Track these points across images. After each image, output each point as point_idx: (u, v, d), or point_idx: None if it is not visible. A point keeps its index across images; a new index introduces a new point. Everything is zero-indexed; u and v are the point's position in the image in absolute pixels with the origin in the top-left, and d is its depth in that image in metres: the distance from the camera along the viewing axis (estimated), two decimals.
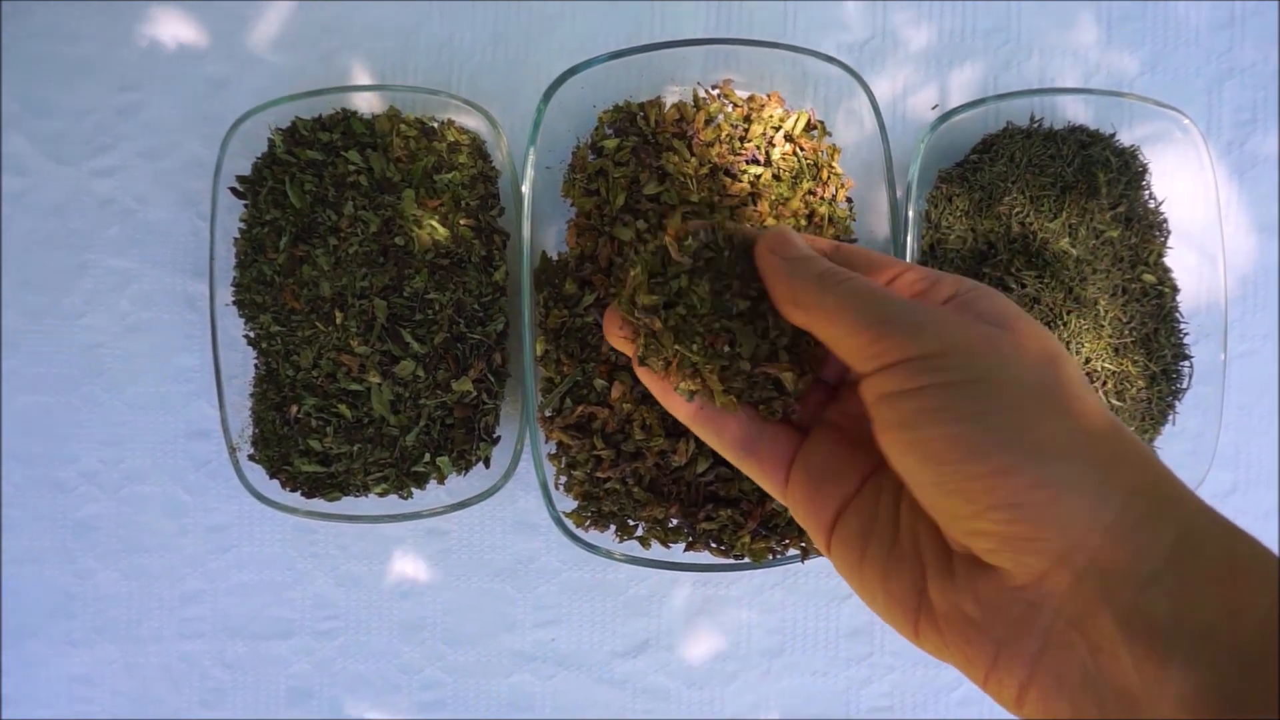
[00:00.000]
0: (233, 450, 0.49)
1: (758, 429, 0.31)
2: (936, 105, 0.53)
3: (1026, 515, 0.22)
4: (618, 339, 0.32)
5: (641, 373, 0.33)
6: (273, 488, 0.49)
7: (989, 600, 0.24)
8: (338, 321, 0.48)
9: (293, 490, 0.49)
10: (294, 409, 0.49)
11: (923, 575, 0.25)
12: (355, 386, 0.48)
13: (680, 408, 0.32)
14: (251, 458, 0.50)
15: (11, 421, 0.53)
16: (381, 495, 0.49)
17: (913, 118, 0.53)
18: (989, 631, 0.24)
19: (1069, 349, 0.47)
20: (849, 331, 0.26)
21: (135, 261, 0.53)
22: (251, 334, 0.50)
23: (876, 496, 0.28)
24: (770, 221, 0.48)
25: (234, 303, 0.50)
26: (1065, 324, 0.47)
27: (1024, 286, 0.47)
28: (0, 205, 0.53)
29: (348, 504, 0.49)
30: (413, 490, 0.50)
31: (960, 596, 0.24)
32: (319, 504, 0.49)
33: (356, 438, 0.48)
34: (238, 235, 0.50)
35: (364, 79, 0.53)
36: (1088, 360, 0.48)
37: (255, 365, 0.51)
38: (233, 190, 0.50)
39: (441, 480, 0.49)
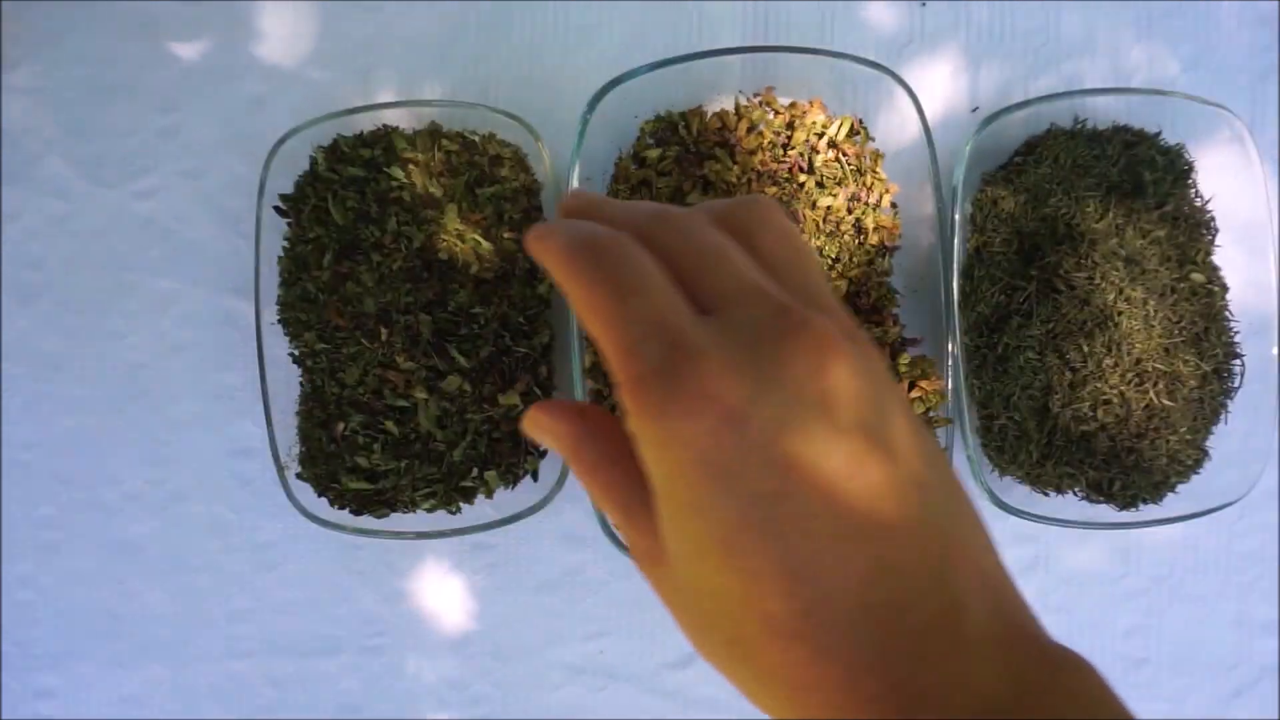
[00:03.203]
0: (281, 468, 0.49)
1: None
2: (977, 108, 0.53)
3: None
4: None
5: None
6: (320, 505, 0.49)
7: None
8: (383, 337, 0.48)
9: (340, 508, 0.49)
10: (340, 426, 0.49)
11: None
12: (401, 403, 0.48)
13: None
14: (299, 476, 0.49)
15: (56, 444, 0.53)
16: (430, 511, 0.49)
17: (951, 120, 0.53)
18: None
19: (1119, 350, 0.47)
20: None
21: (177, 281, 0.53)
22: (296, 352, 0.50)
23: None
24: (814, 230, 0.47)
25: (278, 321, 0.50)
26: (1116, 325, 0.46)
27: (1073, 288, 0.47)
28: (42, 229, 0.53)
29: (395, 520, 0.49)
30: (460, 505, 0.49)
31: None
32: (367, 521, 0.49)
33: (403, 454, 0.48)
34: (281, 254, 0.50)
35: (402, 94, 0.53)
36: (1139, 360, 0.47)
37: (300, 383, 0.50)
38: (276, 209, 0.50)
39: (489, 495, 0.49)
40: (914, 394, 0.46)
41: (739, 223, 0.24)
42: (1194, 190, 0.50)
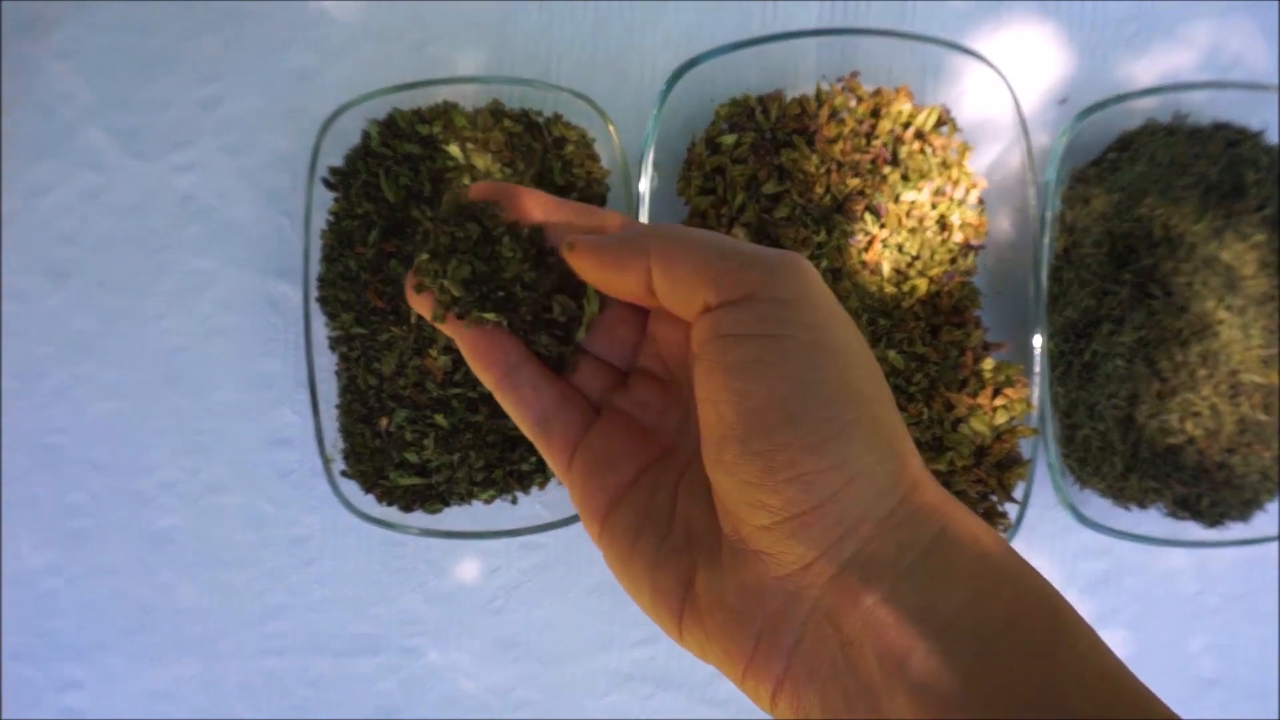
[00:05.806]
0: (327, 461, 0.47)
1: (555, 405, 0.29)
2: (1065, 99, 0.50)
3: (818, 495, 0.22)
4: (414, 298, 0.30)
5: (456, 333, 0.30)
6: (365, 501, 0.47)
7: (751, 589, 0.23)
8: (412, 320, 0.45)
9: (389, 504, 0.47)
10: (384, 421, 0.46)
11: (692, 568, 0.25)
12: (455, 390, 0.46)
13: (486, 375, 0.29)
14: (344, 473, 0.47)
15: (88, 429, 0.51)
16: (488, 502, 0.47)
17: (1037, 112, 0.50)
18: (749, 624, 0.23)
19: (1215, 361, 0.45)
20: (695, 268, 0.25)
21: (216, 261, 0.51)
22: (333, 335, 0.48)
23: (653, 491, 0.27)
24: (884, 242, 0.45)
25: (317, 299, 0.48)
26: (1216, 335, 0.44)
27: (1170, 295, 0.44)
28: (76, 203, 0.50)
29: (445, 518, 0.47)
30: (518, 495, 0.47)
31: (724, 585, 0.24)
32: (417, 518, 0.47)
33: (456, 445, 0.46)
34: (324, 227, 0.48)
35: (456, 71, 0.50)
36: (1234, 373, 0.45)
37: (336, 373, 0.48)
38: (324, 181, 0.47)
39: (545, 484, 0.47)
40: (998, 401, 0.44)
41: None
42: None
